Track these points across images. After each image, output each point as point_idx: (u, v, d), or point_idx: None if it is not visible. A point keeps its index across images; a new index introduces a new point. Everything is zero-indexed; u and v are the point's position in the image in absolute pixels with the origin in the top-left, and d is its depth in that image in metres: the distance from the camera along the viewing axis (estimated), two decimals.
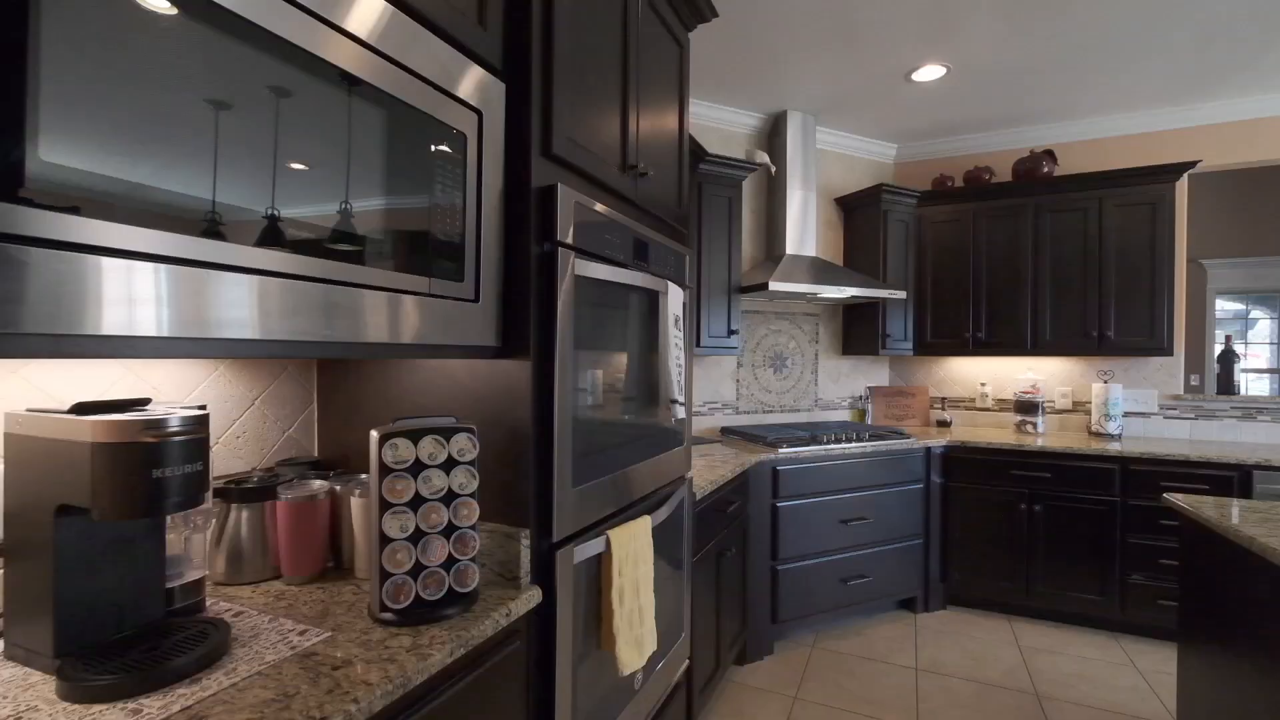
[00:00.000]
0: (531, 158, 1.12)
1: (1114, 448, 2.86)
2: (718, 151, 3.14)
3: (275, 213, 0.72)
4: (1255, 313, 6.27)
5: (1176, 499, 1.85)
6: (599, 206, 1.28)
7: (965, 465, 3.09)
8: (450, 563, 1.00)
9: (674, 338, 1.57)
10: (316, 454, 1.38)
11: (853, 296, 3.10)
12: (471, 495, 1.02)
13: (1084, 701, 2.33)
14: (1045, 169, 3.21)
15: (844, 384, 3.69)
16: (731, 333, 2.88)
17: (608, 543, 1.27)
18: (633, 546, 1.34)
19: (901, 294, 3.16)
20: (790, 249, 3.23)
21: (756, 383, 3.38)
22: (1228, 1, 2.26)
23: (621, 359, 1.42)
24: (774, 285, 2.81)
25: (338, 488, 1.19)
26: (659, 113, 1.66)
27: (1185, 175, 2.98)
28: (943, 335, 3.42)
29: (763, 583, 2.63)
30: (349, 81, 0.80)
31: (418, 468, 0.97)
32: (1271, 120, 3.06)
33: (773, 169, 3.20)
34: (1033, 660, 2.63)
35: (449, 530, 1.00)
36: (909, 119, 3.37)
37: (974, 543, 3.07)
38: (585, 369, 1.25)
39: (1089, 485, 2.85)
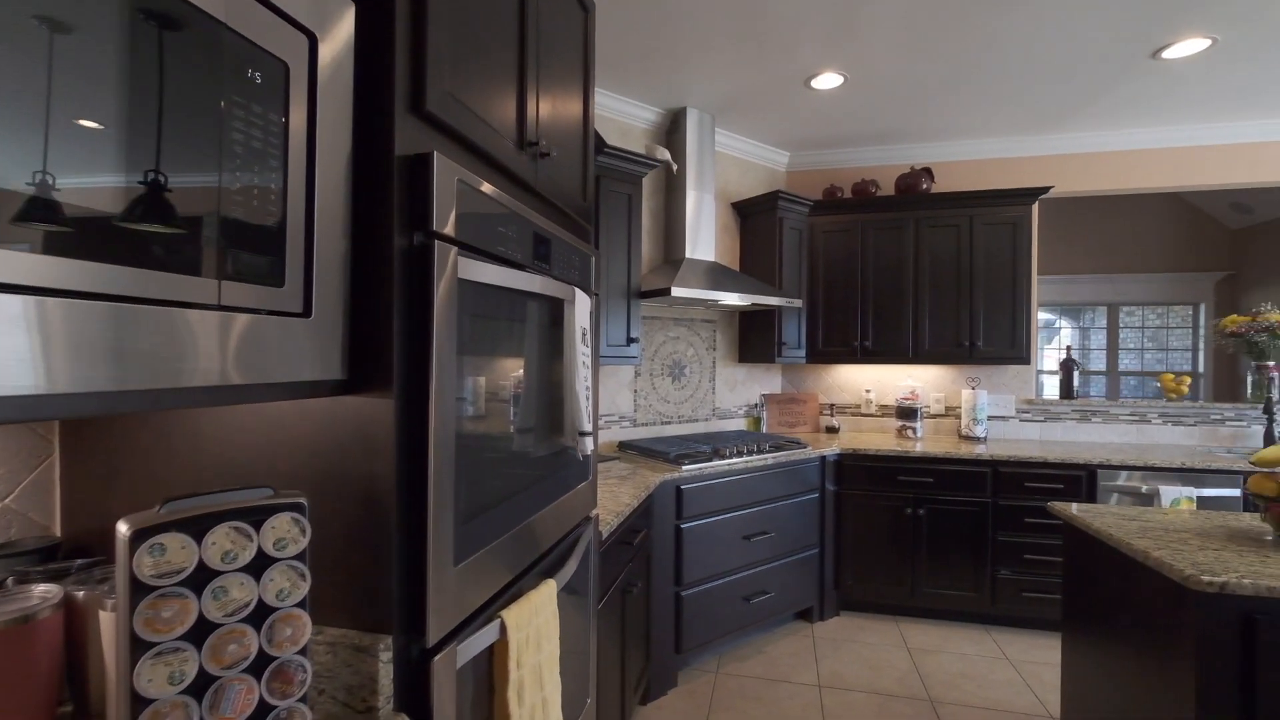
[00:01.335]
0: (395, 113, 0.80)
1: (981, 450, 3.04)
2: (616, 144, 2.90)
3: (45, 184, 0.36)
4: (1060, 322, 7.29)
5: (1065, 508, 1.92)
6: (489, 189, 0.98)
7: (856, 472, 3.13)
8: (264, 712, 0.66)
9: (581, 355, 1.30)
10: (59, 533, 0.94)
11: (754, 304, 3.02)
12: (299, 605, 0.69)
13: (970, 702, 2.40)
14: (924, 185, 3.36)
15: (740, 392, 3.63)
16: (631, 340, 2.67)
17: (503, 628, 0.98)
18: (534, 624, 1.06)
19: (799, 302, 3.14)
20: (689, 253, 3.09)
21: (655, 393, 3.20)
22: (1074, 46, 2.44)
23: (517, 385, 1.13)
24: (677, 291, 2.63)
25: (80, 593, 0.78)
26: (562, 82, 1.38)
27: (1038, 199, 3.24)
28: (834, 344, 3.47)
29: (667, 612, 2.44)
30: None
31: (203, 577, 0.62)
32: (1105, 155, 3.44)
33: (674, 167, 3.03)
34: (922, 663, 2.70)
35: (261, 663, 0.66)
36: (805, 127, 3.37)
37: (865, 548, 3.12)
38: (471, 400, 0.95)
39: (966, 488, 3.00)
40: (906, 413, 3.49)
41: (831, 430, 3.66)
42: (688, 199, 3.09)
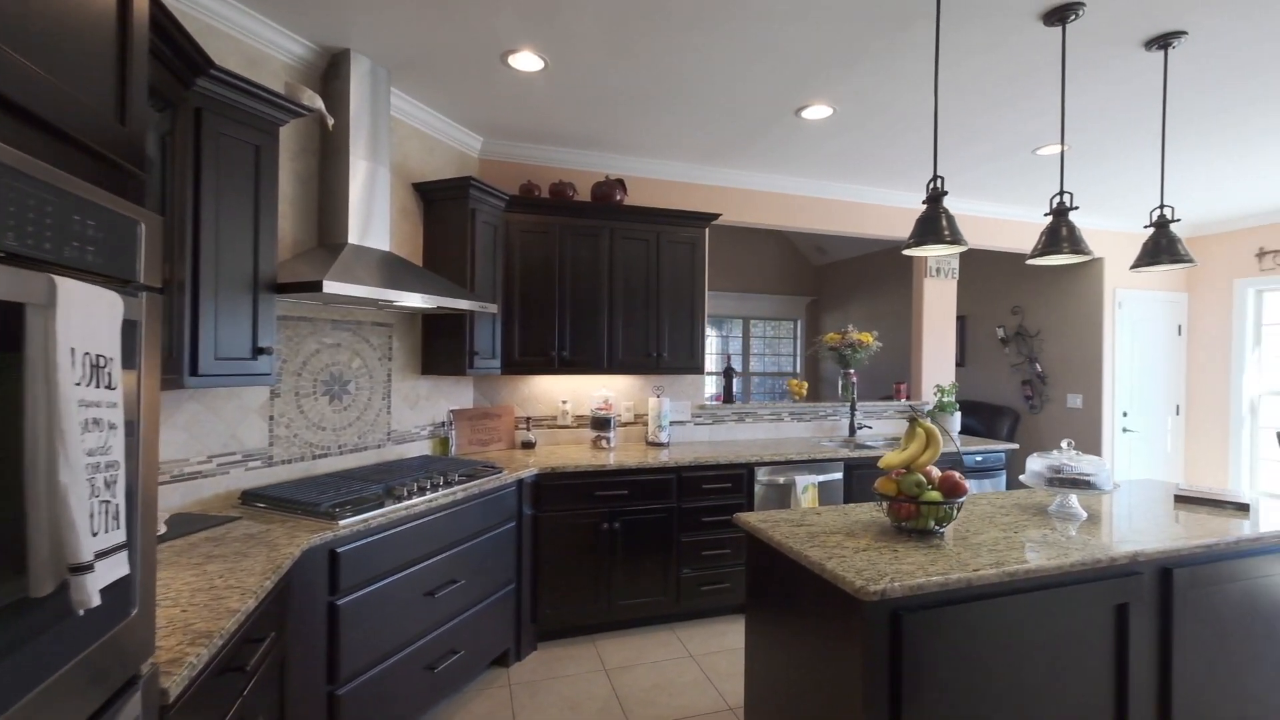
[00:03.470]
0: None
1: (665, 457, 3.17)
2: (237, 70, 2.05)
3: None
4: (709, 331, 8.67)
5: (748, 519, 2.00)
6: None
7: (555, 492, 2.93)
8: None
9: (75, 410, 0.67)
10: None
11: (440, 307, 2.53)
12: None
13: (664, 715, 2.40)
14: (618, 197, 3.37)
15: (423, 409, 3.07)
16: (260, 352, 1.90)
17: None
18: None
19: (494, 307, 2.77)
20: (354, 238, 2.42)
21: (304, 418, 2.42)
22: (741, 90, 2.69)
23: None
24: (331, 286, 1.98)
25: None
26: None
27: (710, 224, 3.57)
28: (531, 353, 3.21)
29: None
30: None
31: None
32: (757, 192, 4.00)
33: (330, 121, 2.32)
34: (619, 683, 2.62)
35: None
36: (502, 111, 3.01)
37: (563, 571, 2.94)
38: None
39: (655, 496, 3.08)
40: (601, 423, 3.47)
41: (528, 445, 3.40)
42: (354, 170, 2.41)
